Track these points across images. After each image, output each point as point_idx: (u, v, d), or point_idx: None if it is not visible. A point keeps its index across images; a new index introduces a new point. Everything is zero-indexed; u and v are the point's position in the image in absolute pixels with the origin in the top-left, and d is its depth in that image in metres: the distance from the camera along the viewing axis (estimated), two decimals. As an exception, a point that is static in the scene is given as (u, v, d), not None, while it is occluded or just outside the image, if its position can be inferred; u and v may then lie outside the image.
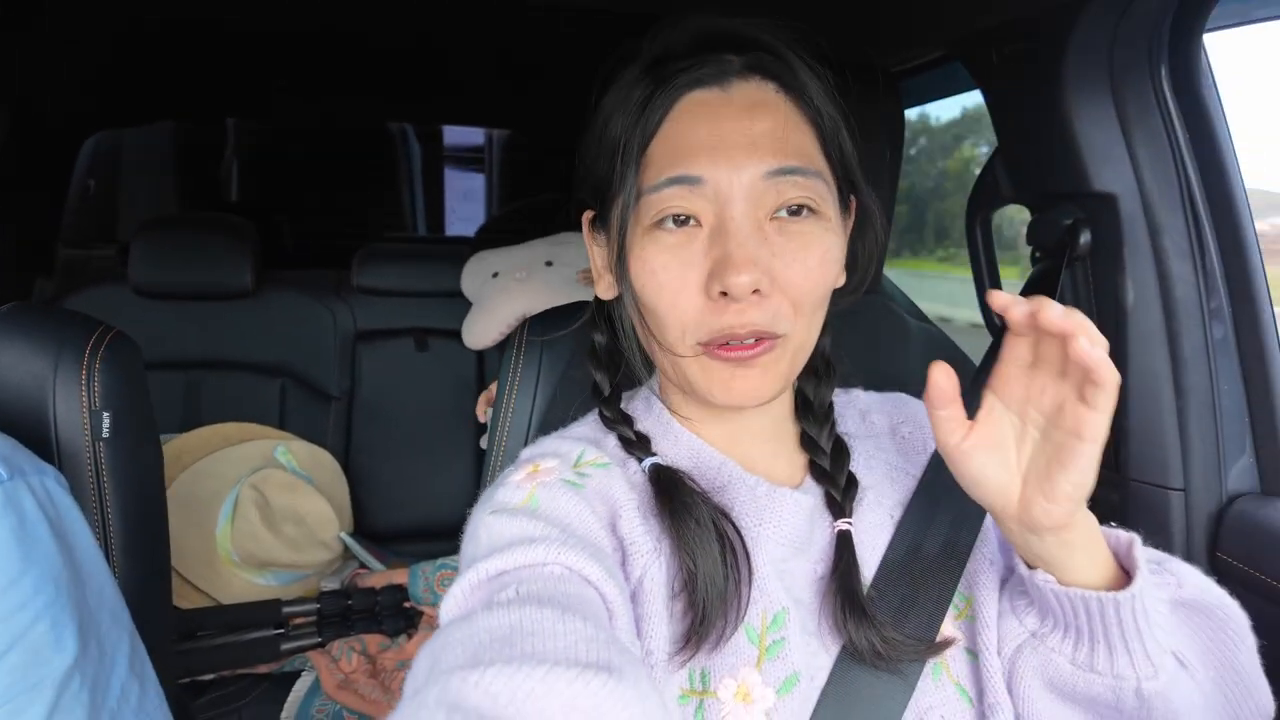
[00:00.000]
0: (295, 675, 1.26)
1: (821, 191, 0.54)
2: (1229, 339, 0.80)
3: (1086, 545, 0.51)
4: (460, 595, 0.47)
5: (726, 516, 0.56)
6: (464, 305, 1.84)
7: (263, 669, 1.27)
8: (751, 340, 0.53)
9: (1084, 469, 0.47)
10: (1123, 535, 0.53)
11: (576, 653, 0.39)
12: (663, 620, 0.52)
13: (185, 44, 1.44)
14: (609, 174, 0.56)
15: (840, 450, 0.62)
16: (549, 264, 1.52)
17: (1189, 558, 0.82)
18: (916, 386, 0.82)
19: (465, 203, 3.51)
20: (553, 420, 0.79)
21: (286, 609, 1.34)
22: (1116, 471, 0.86)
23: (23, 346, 0.71)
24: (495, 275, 1.57)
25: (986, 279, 0.99)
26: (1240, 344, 0.80)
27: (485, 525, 0.52)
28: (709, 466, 0.60)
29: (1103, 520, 0.54)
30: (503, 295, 1.52)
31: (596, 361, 0.65)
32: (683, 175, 0.52)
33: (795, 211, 0.53)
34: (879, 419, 0.69)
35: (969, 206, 0.96)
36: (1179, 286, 0.79)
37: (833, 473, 0.61)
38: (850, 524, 0.59)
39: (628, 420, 0.63)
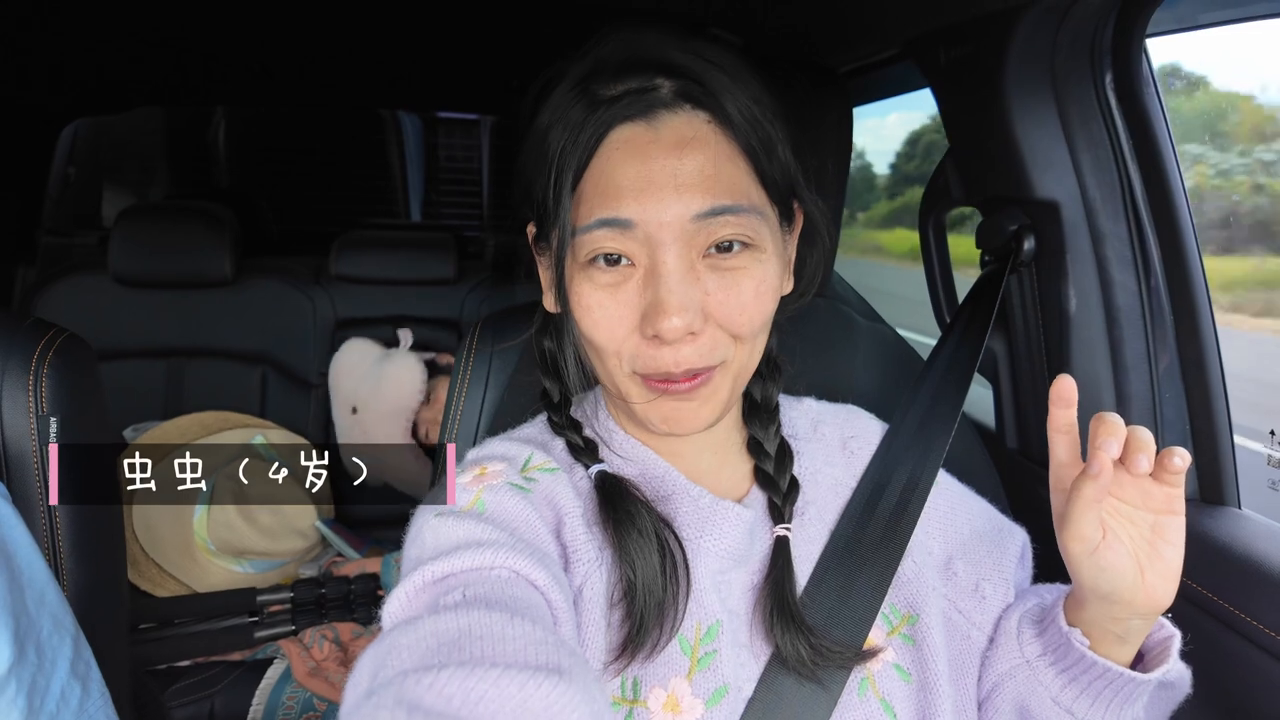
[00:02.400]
0: (268, 663, 1.28)
1: (754, 225, 0.53)
2: (1170, 346, 0.80)
3: (1144, 631, 0.56)
4: (405, 598, 0.47)
5: (669, 526, 0.56)
6: (443, 293, 1.85)
7: (236, 656, 1.30)
8: (688, 379, 0.54)
9: (1182, 540, 0.53)
10: (1167, 625, 0.58)
11: (526, 655, 0.39)
12: (600, 630, 0.53)
13: (164, 29, 1.43)
14: (545, 198, 0.56)
15: (784, 454, 0.63)
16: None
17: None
18: (866, 386, 0.83)
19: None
20: (501, 423, 0.79)
21: (261, 597, 1.37)
22: (1059, 476, 0.86)
23: None
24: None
25: (939, 278, 0.99)
26: (1181, 351, 0.80)
27: (431, 527, 0.52)
28: (654, 476, 0.60)
29: (1049, 519, 0.57)
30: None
31: (545, 368, 0.66)
32: (613, 218, 0.52)
33: (728, 248, 0.53)
34: (829, 431, 0.69)
35: (922, 206, 0.96)
36: (1121, 294, 0.79)
37: (776, 477, 0.62)
38: (789, 530, 0.60)
39: (576, 426, 0.63)
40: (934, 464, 0.67)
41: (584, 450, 0.61)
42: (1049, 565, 0.72)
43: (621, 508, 0.56)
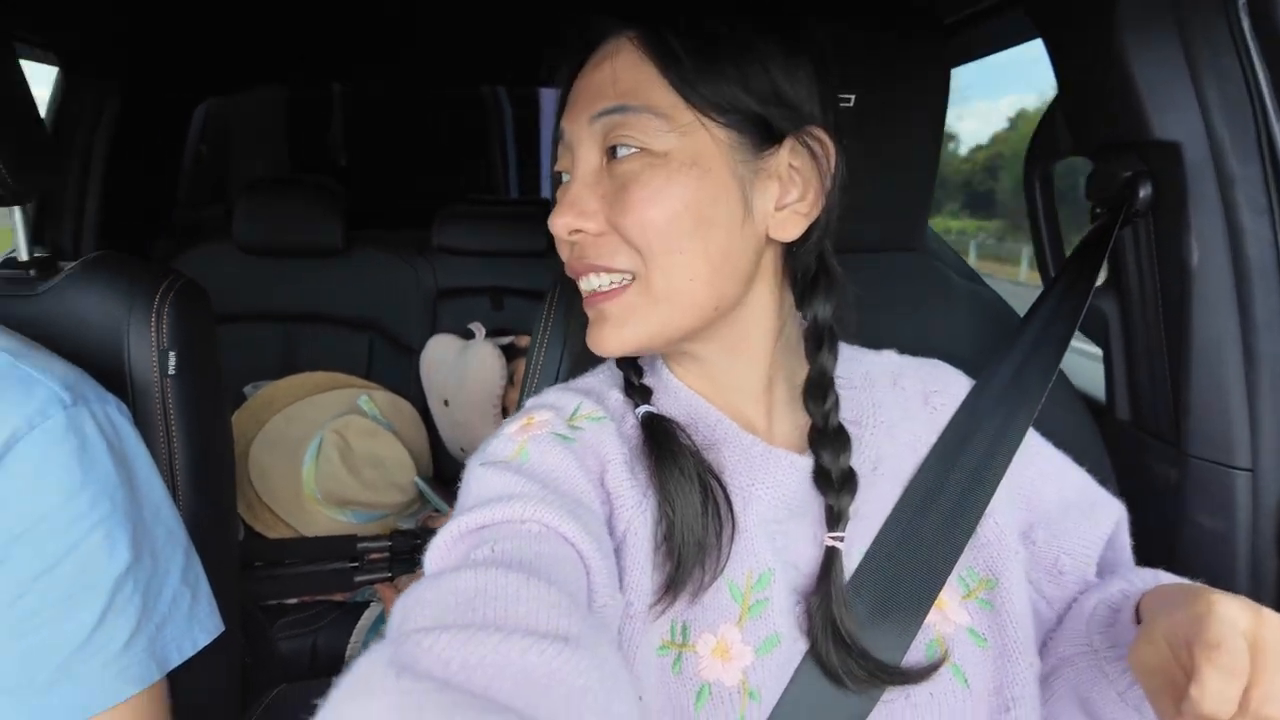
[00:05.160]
0: (365, 605, 1.36)
1: (650, 127, 0.53)
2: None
3: None
4: (443, 547, 0.49)
5: (713, 472, 0.56)
6: (536, 265, 1.89)
7: (337, 597, 1.38)
8: (596, 288, 0.56)
9: None
10: None
11: (535, 620, 0.39)
12: (645, 573, 0.53)
13: (285, 10, 1.52)
14: None
15: (839, 440, 0.57)
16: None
17: (1254, 545, 0.76)
18: (960, 349, 0.79)
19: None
20: (579, 375, 0.81)
21: (361, 544, 1.45)
22: (1175, 446, 0.80)
23: (104, 290, 0.79)
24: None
25: (1046, 236, 0.93)
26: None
27: (475, 476, 0.53)
28: (704, 423, 0.60)
29: (1159, 497, 0.52)
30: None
31: None
32: (557, 134, 0.58)
33: (624, 154, 0.54)
34: (910, 384, 0.66)
35: (1026, 159, 0.90)
36: (1252, 244, 0.72)
37: (828, 466, 0.57)
38: (841, 540, 0.56)
39: (638, 370, 0.63)
40: (1023, 421, 0.63)
41: (637, 391, 0.61)
42: (1152, 545, 0.67)
43: (665, 447, 0.55)
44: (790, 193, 0.56)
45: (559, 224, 0.55)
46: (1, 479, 0.60)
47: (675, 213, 0.53)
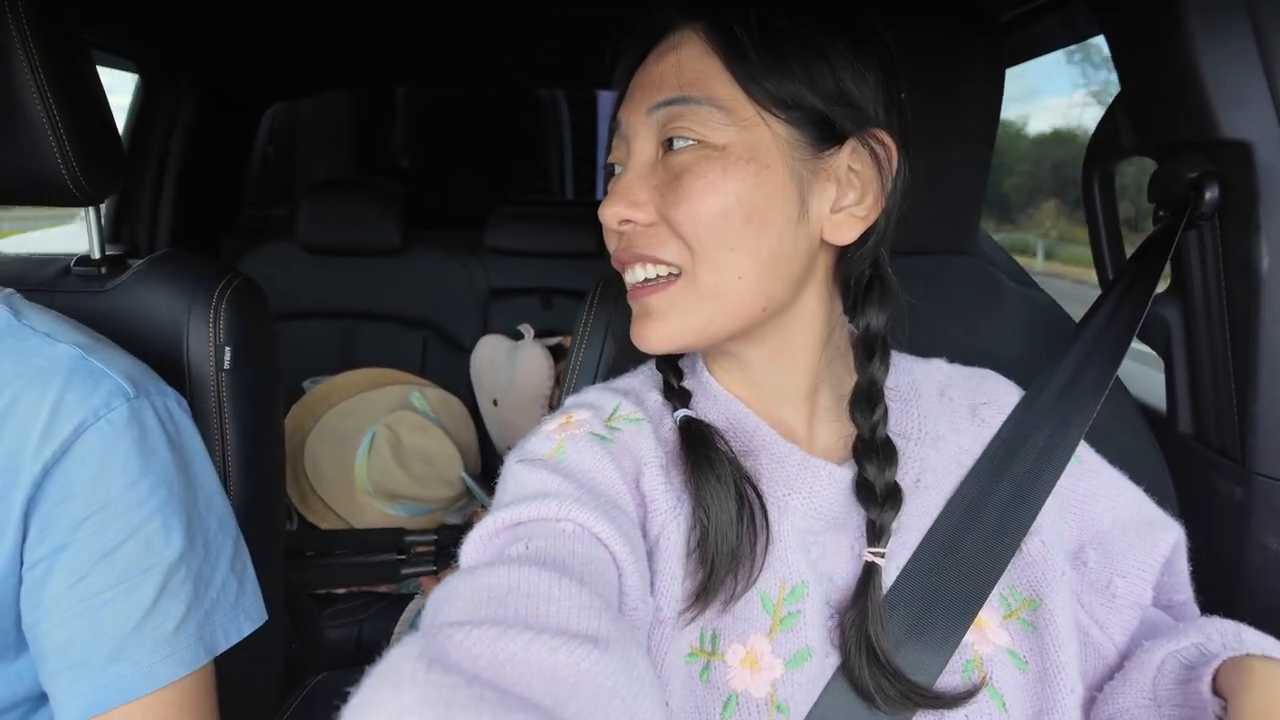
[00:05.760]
0: (410, 597, 1.39)
1: (710, 119, 0.52)
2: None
3: None
4: (479, 541, 0.49)
5: (749, 479, 0.55)
6: (585, 266, 1.91)
7: (383, 589, 1.42)
8: (642, 280, 0.56)
9: None
10: None
11: (566, 620, 0.39)
12: (676, 579, 0.52)
13: (350, 17, 1.57)
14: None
15: (886, 453, 0.56)
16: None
17: (1326, 568, 0.72)
18: (1012, 355, 0.77)
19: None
20: (618, 375, 0.81)
21: (409, 538, 1.48)
22: (1240, 464, 0.75)
23: (166, 288, 0.83)
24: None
25: (1104, 238, 0.89)
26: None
27: (513, 473, 0.53)
28: (742, 429, 0.59)
29: (1223, 516, 0.49)
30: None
31: None
32: (614, 123, 0.58)
33: (675, 143, 0.53)
34: (959, 395, 0.64)
35: (1086, 159, 0.86)
36: (1328, 250, 0.68)
37: (873, 480, 0.55)
38: (881, 555, 0.54)
39: (678, 373, 0.63)
40: (1075, 433, 0.60)
41: (676, 394, 0.60)
42: (1214, 567, 0.63)
43: (702, 453, 0.54)
44: (848, 195, 0.55)
45: (609, 213, 0.54)
46: (70, 466, 0.63)
47: (728, 207, 0.52)
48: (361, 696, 0.33)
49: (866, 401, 0.57)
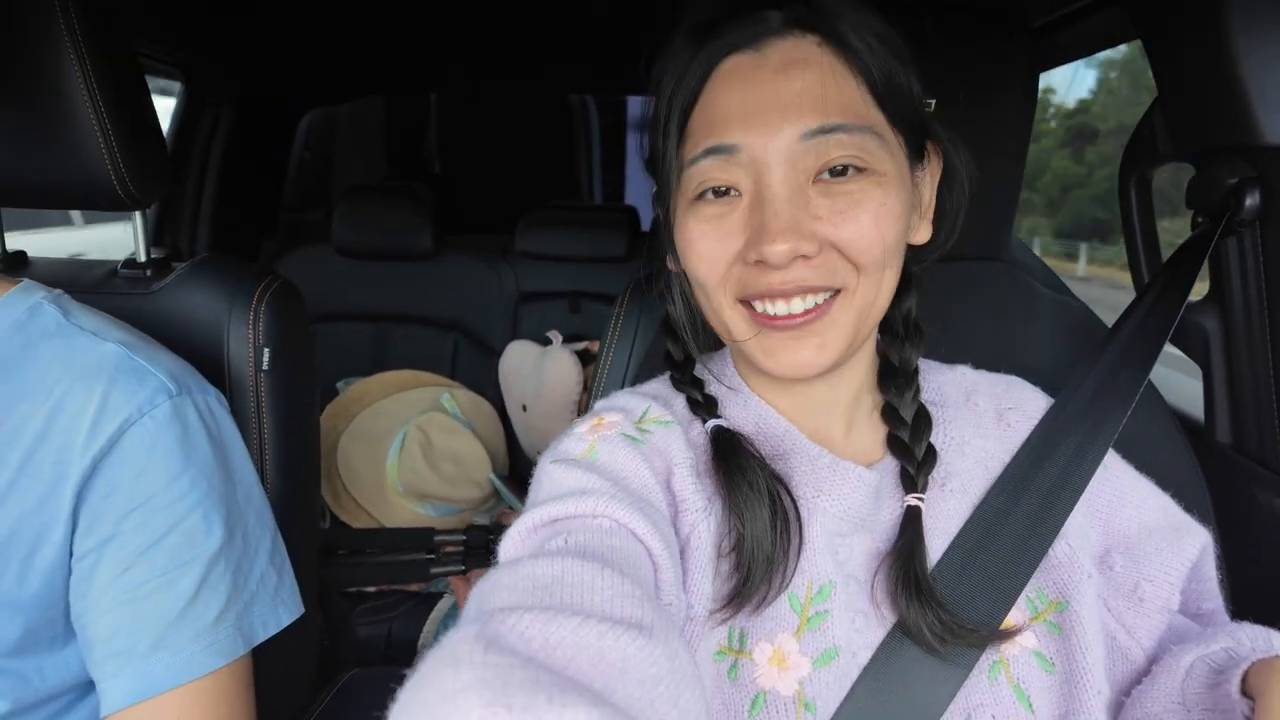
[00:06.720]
0: (439, 596, 1.41)
1: (870, 146, 0.51)
2: None
3: None
4: (517, 537, 0.50)
5: (782, 483, 0.55)
6: (615, 270, 1.92)
7: (413, 588, 1.44)
8: (800, 310, 0.52)
9: None
10: None
11: (611, 608, 0.40)
12: (707, 578, 0.53)
13: (385, 26, 1.60)
14: (655, 144, 0.57)
15: (922, 421, 0.59)
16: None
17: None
18: (1044, 362, 0.76)
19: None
20: (646, 377, 0.82)
21: (438, 537, 1.50)
22: (1281, 474, 0.74)
23: (208, 290, 0.85)
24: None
25: (1141, 244, 0.88)
26: None
27: (547, 473, 0.54)
28: (772, 434, 0.59)
29: (1263, 527, 0.48)
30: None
31: (668, 330, 0.66)
32: (718, 145, 0.52)
33: (841, 171, 0.51)
34: (984, 401, 0.64)
35: (1123, 163, 0.85)
36: (1373, 257, 0.66)
37: (911, 444, 0.58)
38: (921, 500, 0.56)
39: (698, 384, 0.63)
40: (1105, 440, 0.60)
41: (703, 406, 0.61)
42: (1252, 578, 0.62)
43: (734, 461, 0.55)
44: (924, 197, 0.58)
45: (780, 251, 0.49)
46: (115, 461, 0.65)
47: (898, 231, 0.53)
48: (421, 676, 0.34)
49: (903, 376, 0.60)
